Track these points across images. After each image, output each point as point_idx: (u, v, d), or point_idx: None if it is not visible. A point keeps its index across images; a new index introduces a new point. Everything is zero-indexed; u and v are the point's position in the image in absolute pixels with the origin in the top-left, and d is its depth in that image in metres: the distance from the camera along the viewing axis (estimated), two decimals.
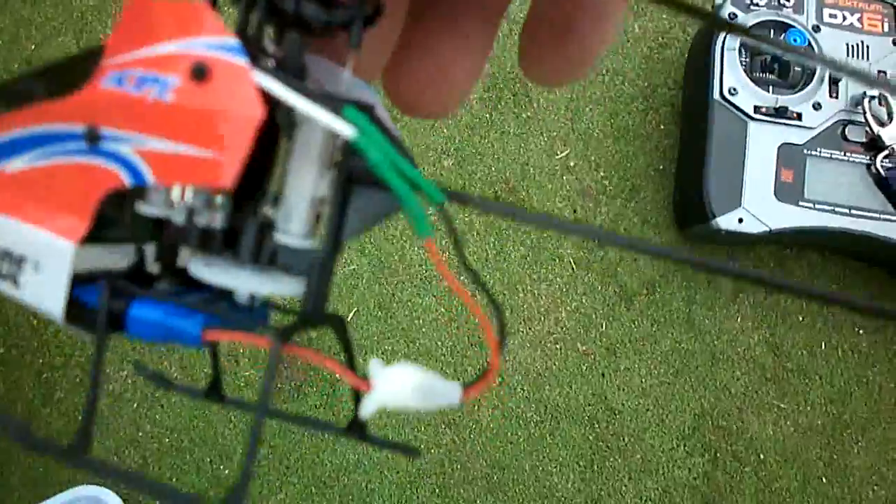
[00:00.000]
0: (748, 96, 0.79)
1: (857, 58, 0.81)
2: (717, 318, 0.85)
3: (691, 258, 0.14)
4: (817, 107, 0.79)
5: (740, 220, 0.77)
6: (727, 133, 0.79)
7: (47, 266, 0.16)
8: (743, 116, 0.79)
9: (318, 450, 0.79)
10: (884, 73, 0.80)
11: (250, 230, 0.16)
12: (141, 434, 0.79)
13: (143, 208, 0.16)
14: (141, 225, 0.17)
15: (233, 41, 0.14)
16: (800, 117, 0.78)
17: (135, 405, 0.79)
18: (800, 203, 0.77)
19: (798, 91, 0.79)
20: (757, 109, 0.78)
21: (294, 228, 0.15)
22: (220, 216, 0.16)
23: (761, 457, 0.82)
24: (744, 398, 0.84)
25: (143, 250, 0.17)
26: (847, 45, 0.81)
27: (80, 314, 0.16)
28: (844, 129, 0.79)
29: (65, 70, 0.17)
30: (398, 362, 0.14)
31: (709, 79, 0.80)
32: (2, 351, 0.80)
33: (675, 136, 0.89)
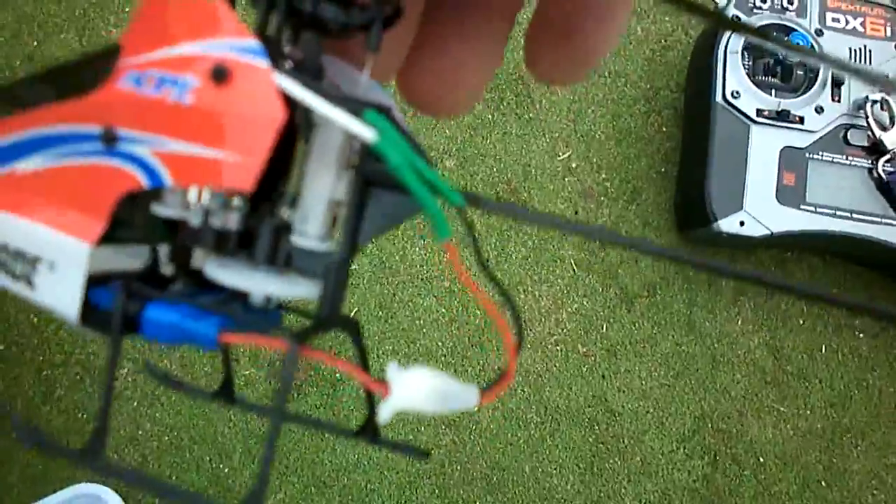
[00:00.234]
0: (750, 99, 0.79)
1: (860, 62, 0.81)
2: (718, 321, 0.85)
3: (703, 261, 0.14)
4: (819, 110, 0.79)
5: (742, 224, 0.77)
6: (729, 136, 0.79)
7: (62, 267, 0.15)
8: (745, 119, 0.79)
9: (318, 450, 0.79)
10: (886, 77, 0.81)
11: (266, 232, 0.16)
12: (141, 432, 0.79)
13: (158, 209, 0.15)
14: (154, 225, 0.17)
15: (254, 43, 0.13)
16: (802, 121, 0.78)
17: (135, 403, 0.79)
18: (801, 206, 0.77)
19: (800, 95, 0.79)
20: (759, 113, 0.78)
21: (311, 231, 0.15)
22: (236, 218, 0.15)
23: (761, 460, 0.82)
24: (744, 401, 0.84)
25: (157, 251, 0.17)
26: (850, 49, 0.81)
27: (94, 316, 0.16)
28: (846, 133, 0.79)
29: (73, 71, 0.17)
30: (415, 366, 0.14)
31: (711, 82, 0.80)
32: (2, 348, 0.80)
33: (677, 139, 0.89)
